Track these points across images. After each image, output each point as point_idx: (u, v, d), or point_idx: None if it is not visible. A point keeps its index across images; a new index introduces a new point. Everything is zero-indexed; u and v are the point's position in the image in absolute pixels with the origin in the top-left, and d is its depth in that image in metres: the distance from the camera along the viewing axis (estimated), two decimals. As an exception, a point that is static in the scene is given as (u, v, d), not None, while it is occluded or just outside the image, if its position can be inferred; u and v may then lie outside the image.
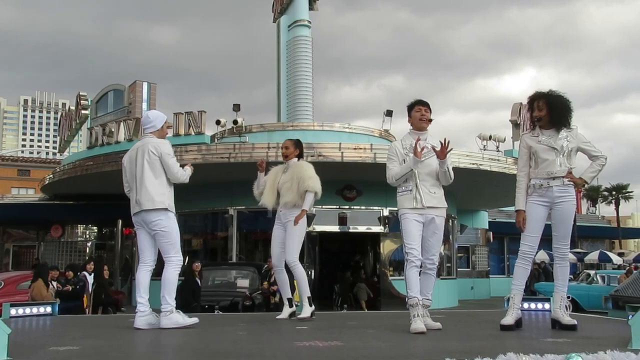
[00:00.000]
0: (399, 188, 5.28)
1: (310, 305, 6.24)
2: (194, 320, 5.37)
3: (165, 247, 5.41)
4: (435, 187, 5.25)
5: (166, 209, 5.39)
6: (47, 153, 72.25)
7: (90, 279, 12.13)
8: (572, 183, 4.98)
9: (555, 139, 5.01)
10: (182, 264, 5.48)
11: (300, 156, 6.53)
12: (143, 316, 5.26)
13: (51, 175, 21.19)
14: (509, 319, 4.97)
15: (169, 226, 5.40)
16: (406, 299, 5.09)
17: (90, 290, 12.09)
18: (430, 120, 5.37)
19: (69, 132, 24.36)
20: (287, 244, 6.21)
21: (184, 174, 5.63)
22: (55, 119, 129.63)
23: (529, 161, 5.11)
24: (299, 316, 6.18)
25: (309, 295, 6.28)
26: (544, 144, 5.02)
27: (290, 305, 6.41)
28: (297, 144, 6.57)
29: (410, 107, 5.41)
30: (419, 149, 5.04)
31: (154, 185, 5.39)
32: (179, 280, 5.48)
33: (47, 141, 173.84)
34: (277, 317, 6.36)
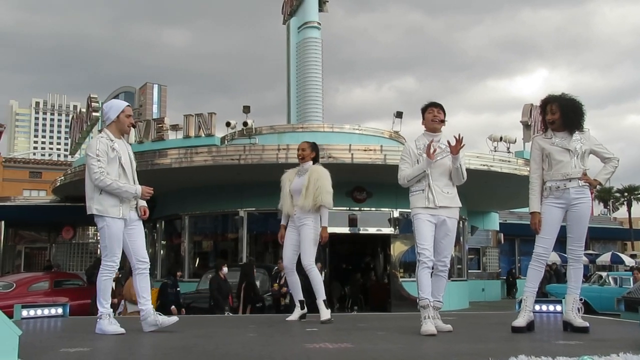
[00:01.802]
0: (412, 188, 5.26)
1: (327, 308, 6.21)
2: (120, 330, 4.95)
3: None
4: (448, 187, 5.24)
5: (97, 215, 5.09)
6: (59, 155, 72.58)
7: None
8: (587, 184, 4.96)
9: (569, 141, 4.99)
10: (114, 270, 5.14)
11: (316, 160, 6.55)
12: (143, 320, 5.20)
13: (62, 177, 21.29)
14: (520, 321, 4.95)
15: (101, 230, 5.11)
16: (417, 300, 5.07)
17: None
18: (443, 121, 5.36)
19: (80, 134, 24.43)
20: (303, 247, 6.24)
21: (102, 181, 5.03)
22: (67, 121, 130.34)
23: (542, 163, 5.09)
24: (320, 320, 6.10)
25: (324, 298, 6.26)
26: (558, 145, 4.99)
27: (302, 308, 6.41)
28: (314, 147, 6.57)
29: (424, 110, 5.42)
30: (431, 151, 5.04)
31: (87, 189, 5.20)
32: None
33: (58, 143, 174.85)
34: (287, 318, 6.35)
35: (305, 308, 6.48)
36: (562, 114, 5.01)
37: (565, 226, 5.06)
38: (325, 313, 6.12)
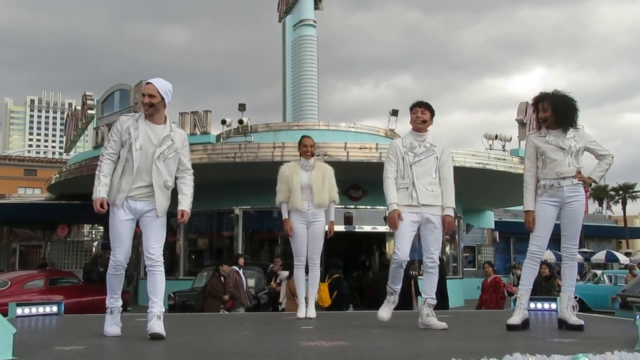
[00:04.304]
0: (396, 185, 5.33)
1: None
2: (115, 332, 4.73)
3: None
4: (432, 185, 5.28)
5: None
6: (54, 153, 72.44)
7: (242, 274, 11.68)
8: (581, 183, 4.97)
9: (563, 139, 4.99)
10: (115, 265, 4.73)
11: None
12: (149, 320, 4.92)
13: (57, 175, 21.25)
14: (515, 319, 4.96)
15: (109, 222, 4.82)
16: (387, 287, 5.43)
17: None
18: (426, 122, 5.41)
19: (75, 132, 24.38)
20: (316, 243, 6.39)
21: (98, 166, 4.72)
22: (62, 119, 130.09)
23: (536, 161, 5.10)
24: (308, 316, 6.33)
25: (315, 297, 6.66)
26: (552, 144, 5.00)
27: (307, 304, 6.48)
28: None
29: (410, 109, 5.51)
30: (396, 224, 5.19)
31: None
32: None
33: (53, 141, 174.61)
34: (298, 315, 6.37)
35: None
36: (554, 111, 5.01)
37: (560, 224, 5.08)
38: (314, 311, 6.42)
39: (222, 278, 11.01)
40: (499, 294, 10.40)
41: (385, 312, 5.37)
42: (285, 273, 11.35)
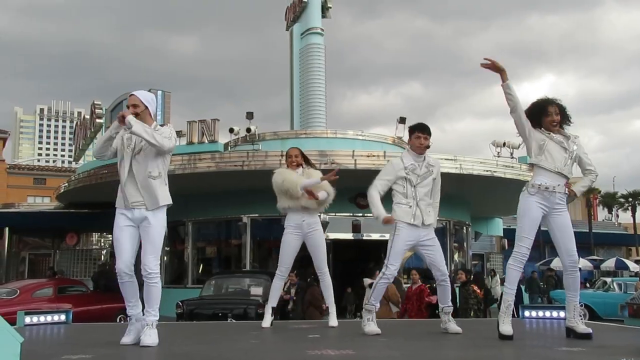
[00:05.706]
0: (398, 199, 5.47)
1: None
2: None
3: None
4: (429, 207, 5.48)
5: None
6: (63, 162, 72.78)
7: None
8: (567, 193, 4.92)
9: (567, 142, 4.96)
10: (119, 274, 4.75)
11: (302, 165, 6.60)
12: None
13: (66, 184, 21.34)
14: (509, 328, 4.78)
15: None
16: (364, 304, 5.54)
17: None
18: (428, 147, 5.55)
19: (84, 141, 24.48)
20: (319, 253, 6.34)
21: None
22: (71, 127, 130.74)
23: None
24: (331, 325, 6.27)
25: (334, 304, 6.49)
26: (556, 141, 4.94)
27: (272, 315, 6.43)
28: (302, 153, 6.69)
29: (412, 131, 5.60)
30: (391, 220, 5.44)
31: None
32: None
33: (62, 150, 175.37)
34: (263, 325, 6.31)
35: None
36: (562, 116, 5.02)
37: (553, 236, 5.02)
38: (335, 319, 6.33)
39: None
40: (422, 302, 10.30)
41: (373, 326, 5.40)
42: (368, 280, 11.27)
